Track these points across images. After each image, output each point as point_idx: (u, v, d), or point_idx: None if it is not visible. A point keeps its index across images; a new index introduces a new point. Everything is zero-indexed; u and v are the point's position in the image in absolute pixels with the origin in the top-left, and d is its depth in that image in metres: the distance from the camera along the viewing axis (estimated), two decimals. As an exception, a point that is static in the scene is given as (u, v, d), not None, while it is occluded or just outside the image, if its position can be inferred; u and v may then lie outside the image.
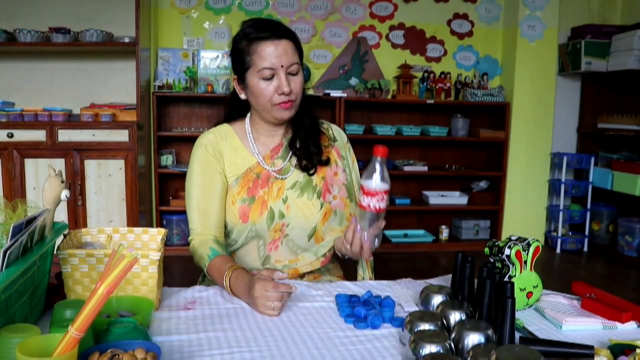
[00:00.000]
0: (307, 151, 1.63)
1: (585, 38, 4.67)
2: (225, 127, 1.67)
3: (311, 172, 1.63)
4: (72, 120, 3.97)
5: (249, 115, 1.68)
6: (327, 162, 1.66)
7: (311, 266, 1.63)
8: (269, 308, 1.27)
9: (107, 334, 1.00)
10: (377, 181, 1.28)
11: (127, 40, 4.02)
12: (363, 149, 4.75)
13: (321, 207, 1.62)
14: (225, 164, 1.62)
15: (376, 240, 1.38)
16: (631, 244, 4.48)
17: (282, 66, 1.50)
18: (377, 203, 1.29)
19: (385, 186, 1.29)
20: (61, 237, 1.28)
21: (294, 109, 1.57)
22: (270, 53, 1.49)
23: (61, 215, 3.83)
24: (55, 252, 1.24)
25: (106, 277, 0.88)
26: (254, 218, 1.57)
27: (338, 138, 1.75)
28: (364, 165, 1.34)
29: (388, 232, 4.74)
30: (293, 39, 1.55)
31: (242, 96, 1.61)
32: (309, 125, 1.66)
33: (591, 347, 1.06)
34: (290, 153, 1.65)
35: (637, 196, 4.32)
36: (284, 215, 1.59)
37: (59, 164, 3.81)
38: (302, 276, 1.63)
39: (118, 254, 0.92)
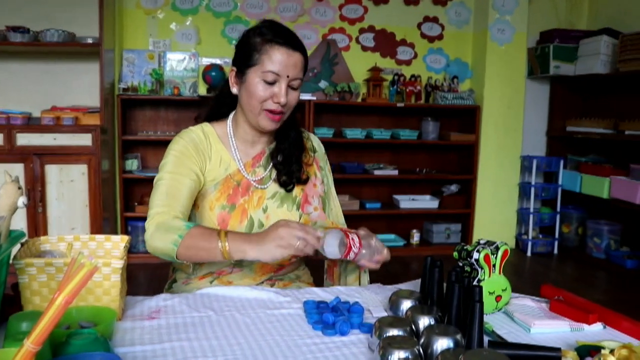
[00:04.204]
0: (289, 168, 1.62)
1: (553, 42, 4.78)
2: (208, 128, 1.62)
3: (289, 188, 1.62)
4: (31, 124, 3.89)
5: (231, 117, 1.64)
6: (305, 181, 1.65)
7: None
8: (292, 237, 1.31)
9: (66, 347, 0.98)
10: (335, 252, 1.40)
11: (90, 40, 3.97)
12: (333, 152, 4.78)
13: (299, 218, 1.62)
14: (207, 166, 1.58)
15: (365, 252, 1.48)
16: (599, 245, 4.58)
17: (287, 76, 1.48)
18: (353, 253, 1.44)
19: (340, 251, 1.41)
20: (18, 246, 1.25)
21: (281, 122, 1.55)
22: (281, 60, 1.47)
23: (20, 222, 3.75)
24: (11, 261, 1.21)
25: (65, 287, 0.86)
26: (233, 226, 1.55)
27: (318, 149, 1.76)
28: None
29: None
30: (305, 55, 1.53)
31: (234, 90, 1.57)
32: (294, 140, 1.65)
33: (558, 350, 1.08)
34: (271, 164, 1.63)
35: (604, 199, 4.42)
36: (263, 225, 1.57)
37: (18, 169, 3.73)
38: (272, 284, 1.62)
39: (77, 262, 0.90)
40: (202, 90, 4.47)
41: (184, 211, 1.49)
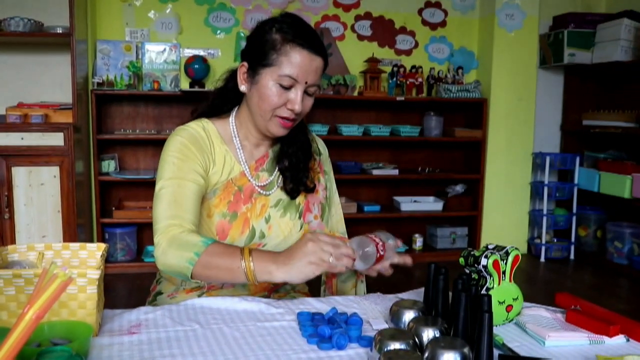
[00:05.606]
0: (297, 175, 1.61)
1: (568, 27, 4.78)
2: (209, 125, 1.60)
3: (294, 195, 1.62)
4: (-4, 122, 3.89)
5: (234, 114, 1.63)
6: (312, 190, 1.65)
7: None
8: (322, 252, 1.30)
9: (38, 365, 0.98)
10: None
11: (60, 30, 3.95)
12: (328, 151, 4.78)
13: (301, 227, 1.62)
14: (211, 169, 1.55)
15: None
16: (621, 250, 4.59)
17: (305, 82, 1.47)
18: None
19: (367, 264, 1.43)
20: (-17, 256, 1.25)
21: (291, 129, 1.55)
22: (302, 64, 1.45)
23: (-14, 230, 3.74)
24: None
25: (35, 300, 0.86)
26: (233, 236, 1.54)
27: (322, 151, 1.76)
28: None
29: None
30: (326, 60, 1.52)
31: (243, 88, 1.54)
32: (302, 145, 1.64)
33: (575, 364, 1.09)
34: (277, 169, 1.63)
35: (626, 198, 4.42)
36: (264, 236, 1.57)
37: (-18, 172, 3.73)
38: (267, 295, 1.62)
39: (49, 273, 0.90)
40: (185, 84, 4.47)
41: (195, 220, 1.47)
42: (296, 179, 1.61)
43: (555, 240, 5.02)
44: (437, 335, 1.15)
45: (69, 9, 3.82)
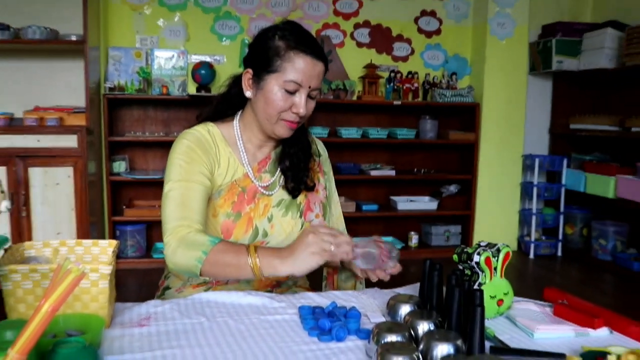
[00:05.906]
0: (297, 175, 1.61)
1: (556, 36, 4.78)
2: (214, 129, 1.60)
3: (295, 194, 1.62)
4: (14, 125, 3.88)
5: (237, 118, 1.63)
6: (312, 188, 1.65)
7: None
8: (323, 242, 1.33)
9: (53, 356, 0.98)
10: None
11: (74, 38, 3.96)
12: (328, 153, 4.78)
13: (302, 226, 1.62)
14: (216, 171, 1.56)
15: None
16: (605, 247, 4.59)
17: (309, 87, 1.47)
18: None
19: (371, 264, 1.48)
20: (1, 252, 1.25)
21: (295, 130, 1.55)
22: (306, 69, 1.46)
23: (3, 227, 3.74)
24: (-5, 268, 1.21)
25: (51, 294, 0.87)
26: (237, 235, 1.54)
27: (322, 152, 1.76)
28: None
29: (355, 241, 4.76)
30: (326, 65, 1.53)
31: (248, 94, 1.54)
32: (303, 146, 1.64)
33: (562, 355, 1.09)
34: (279, 169, 1.63)
35: (610, 198, 4.43)
36: (267, 234, 1.57)
37: (0, 172, 3.73)
38: (270, 290, 1.62)
39: (64, 268, 0.90)
40: (192, 89, 4.47)
41: (202, 221, 1.48)
42: (297, 178, 1.61)
43: (543, 238, 5.02)
44: (432, 328, 1.15)
45: (82, 17, 3.83)
